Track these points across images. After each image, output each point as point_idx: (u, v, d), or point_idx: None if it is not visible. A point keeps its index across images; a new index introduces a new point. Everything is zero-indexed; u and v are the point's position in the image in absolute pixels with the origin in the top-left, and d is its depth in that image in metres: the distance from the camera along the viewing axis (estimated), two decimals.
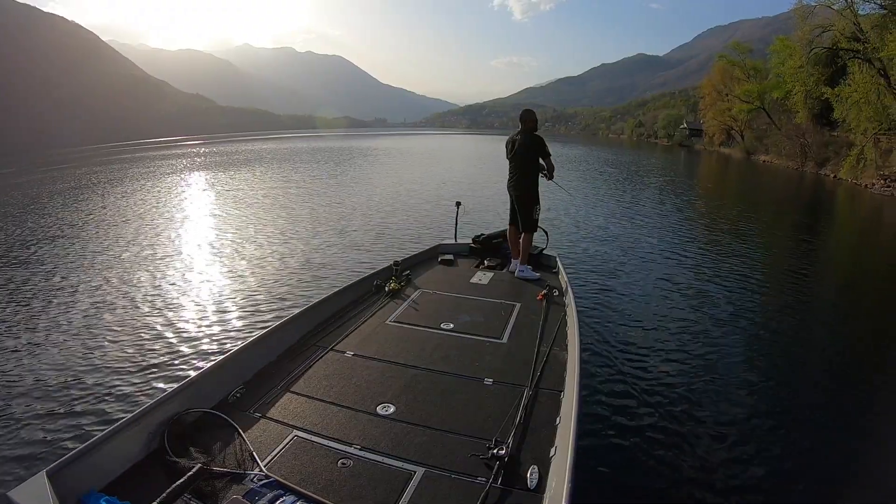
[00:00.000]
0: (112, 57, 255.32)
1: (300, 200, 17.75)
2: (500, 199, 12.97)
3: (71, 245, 11.53)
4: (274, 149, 56.08)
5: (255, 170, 30.64)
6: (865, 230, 15.94)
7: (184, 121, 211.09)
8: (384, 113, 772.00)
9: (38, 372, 5.41)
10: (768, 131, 44.37)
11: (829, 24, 26.41)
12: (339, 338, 4.22)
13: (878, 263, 11.38)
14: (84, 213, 16.26)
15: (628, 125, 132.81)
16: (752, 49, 53.17)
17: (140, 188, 22.83)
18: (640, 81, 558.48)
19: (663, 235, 12.24)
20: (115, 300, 7.70)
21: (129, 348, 5.94)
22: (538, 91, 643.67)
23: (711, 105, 57.14)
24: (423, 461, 2.68)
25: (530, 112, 6.26)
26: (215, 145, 71.67)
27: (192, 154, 50.17)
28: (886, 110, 22.94)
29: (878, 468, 4.02)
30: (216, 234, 12.32)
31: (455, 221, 7.60)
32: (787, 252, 11.59)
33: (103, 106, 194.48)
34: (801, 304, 7.89)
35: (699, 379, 5.17)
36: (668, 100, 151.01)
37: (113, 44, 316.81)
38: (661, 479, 3.70)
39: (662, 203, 18.54)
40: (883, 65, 22.57)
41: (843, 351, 6.34)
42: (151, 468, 2.63)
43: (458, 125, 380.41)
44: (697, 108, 76.57)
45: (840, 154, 29.13)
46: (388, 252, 9.91)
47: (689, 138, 78.81)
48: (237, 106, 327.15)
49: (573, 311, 4.43)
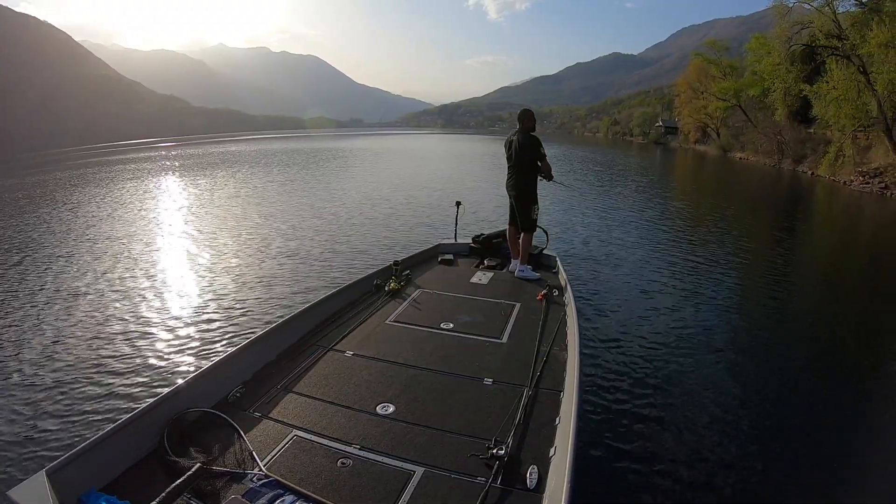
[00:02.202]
0: (85, 57, 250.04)
1: (299, 200, 17.83)
2: (500, 200, 13.02)
3: (70, 246, 11.62)
4: (258, 150, 55.59)
5: (245, 172, 30.28)
6: (853, 227, 16.05)
7: (158, 122, 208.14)
8: (360, 113, 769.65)
9: (37, 372, 5.46)
10: (744, 129, 44.63)
11: (807, 22, 26.55)
12: (339, 337, 4.21)
13: (873, 258, 11.44)
14: (83, 213, 16.42)
15: (604, 123, 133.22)
16: (729, 47, 53.55)
17: (140, 189, 23.07)
18: (616, 80, 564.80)
19: (662, 234, 12.34)
20: (116, 300, 7.77)
21: (129, 348, 5.99)
22: (513, 90, 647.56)
23: (687, 103, 57.18)
24: (422, 461, 2.68)
25: (528, 112, 6.21)
26: (192, 147, 71.16)
27: (172, 157, 49.38)
28: (865, 107, 23.09)
29: (863, 464, 4.04)
30: (216, 235, 12.39)
31: (455, 221, 7.55)
32: (786, 252, 11.64)
33: (75, 108, 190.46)
34: (802, 304, 7.98)
35: (699, 379, 5.19)
36: (644, 98, 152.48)
37: (86, 44, 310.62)
38: (661, 478, 3.70)
39: (655, 202, 18.64)
40: (862, 62, 22.71)
41: (845, 354, 6.22)
42: (151, 468, 2.62)
43: (433, 125, 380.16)
44: (672, 107, 77.02)
45: (817, 151, 29.37)
46: (388, 252, 9.97)
47: (665, 136, 79.18)
48: (212, 107, 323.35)
49: (573, 310, 4.43)
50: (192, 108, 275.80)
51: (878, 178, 22.26)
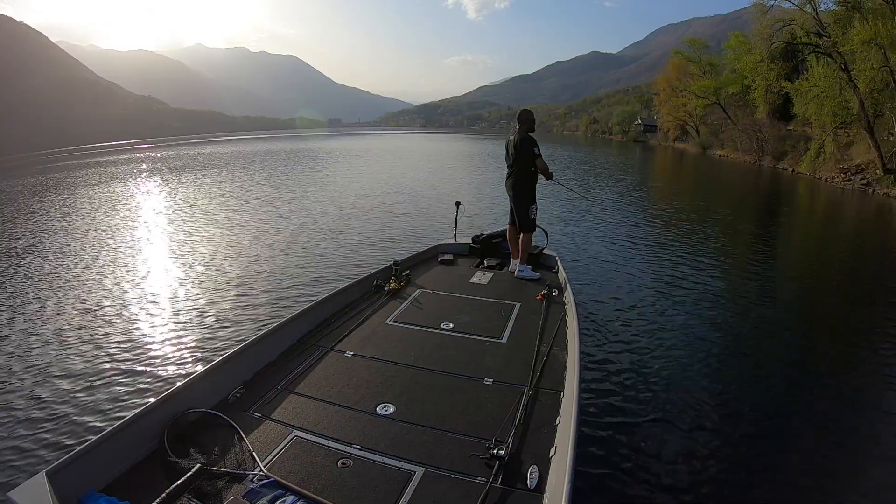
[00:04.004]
0: (61, 58, 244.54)
1: (297, 201, 17.73)
2: (500, 200, 13.33)
3: (69, 247, 11.58)
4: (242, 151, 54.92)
5: (238, 173, 29.81)
6: (845, 224, 16.01)
7: (136, 124, 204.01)
8: (338, 113, 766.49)
9: (37, 372, 5.44)
10: (723, 126, 44.91)
11: (789, 19, 26.54)
12: (339, 338, 4.20)
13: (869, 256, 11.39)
14: (81, 213, 16.50)
15: (583, 122, 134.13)
16: (709, 45, 53.87)
17: (140, 188, 23.31)
18: (595, 79, 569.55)
19: (662, 234, 12.28)
20: (116, 300, 7.74)
21: (129, 349, 5.96)
22: (493, 89, 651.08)
23: (666, 101, 57.48)
24: (422, 461, 2.66)
25: (527, 112, 6.20)
26: (173, 148, 70.43)
27: (157, 159, 48.07)
28: (846, 104, 23.12)
29: (862, 464, 4.00)
30: (215, 236, 12.29)
31: (455, 221, 7.59)
32: (785, 250, 11.85)
33: (52, 110, 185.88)
34: (803, 304, 8.05)
35: (699, 378, 5.17)
36: (623, 96, 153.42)
37: (62, 44, 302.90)
38: (662, 478, 3.65)
39: (648, 200, 18.82)
40: (844, 59, 22.71)
41: (844, 353, 6.15)
42: (151, 468, 2.60)
43: (412, 124, 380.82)
44: (651, 105, 77.61)
45: (797, 148, 29.53)
46: (387, 252, 9.95)
47: (644, 134, 79.94)
48: (190, 108, 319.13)
49: (573, 310, 4.43)
50: (170, 110, 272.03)
51: (860, 174, 22.37)
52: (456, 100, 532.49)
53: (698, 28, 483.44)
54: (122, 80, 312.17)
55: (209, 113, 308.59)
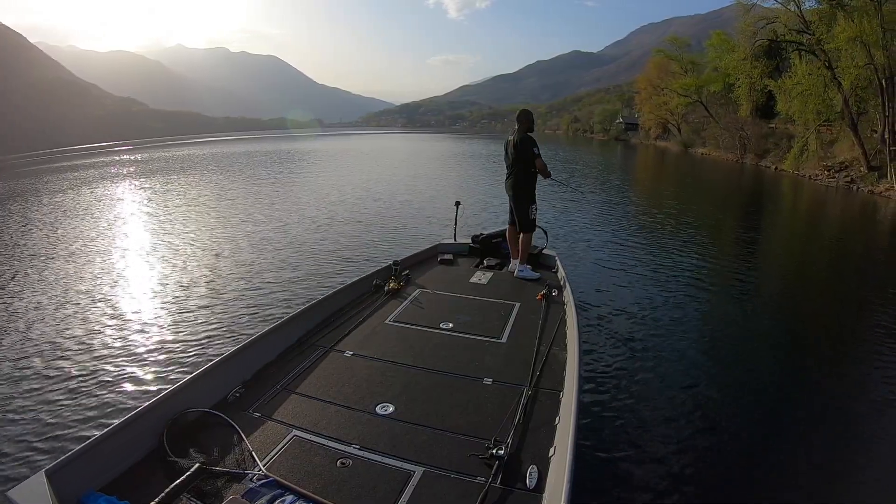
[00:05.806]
0: (39, 59, 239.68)
1: (296, 201, 17.83)
2: (499, 200, 13.48)
3: (68, 248, 11.61)
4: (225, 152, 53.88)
5: (230, 174, 29.42)
6: (827, 220, 16.24)
7: (115, 125, 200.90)
8: (320, 113, 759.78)
9: (37, 372, 5.47)
10: (705, 124, 45.13)
11: (773, 16, 26.60)
12: (339, 337, 4.21)
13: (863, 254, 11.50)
14: (79, 214, 16.61)
15: (564, 121, 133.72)
16: (690, 44, 54.10)
17: (139, 189, 23.34)
18: (576, 78, 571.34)
19: (660, 232, 12.40)
20: (115, 300, 7.79)
21: (128, 348, 6.00)
22: (474, 89, 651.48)
23: (648, 99, 57.37)
24: (422, 461, 2.66)
25: (525, 112, 6.24)
26: (159, 150, 68.58)
27: (144, 160, 46.90)
28: (831, 102, 23.21)
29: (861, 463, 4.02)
30: (214, 236, 12.32)
31: (454, 221, 7.59)
32: (784, 250, 11.99)
33: (29, 111, 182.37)
34: (805, 302, 8.16)
35: (699, 378, 5.20)
36: (604, 95, 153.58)
37: (41, 45, 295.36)
38: (661, 478, 3.67)
39: (641, 198, 19.27)
40: (828, 57, 22.77)
41: (844, 352, 6.24)
42: (151, 468, 2.61)
43: (394, 124, 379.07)
44: (633, 103, 77.78)
45: (780, 146, 29.70)
46: (387, 252, 9.97)
47: (626, 132, 79.95)
48: (170, 109, 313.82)
49: (573, 310, 4.45)
50: (150, 111, 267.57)
51: (844, 172, 22.53)
52: (437, 99, 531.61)
53: (678, 27, 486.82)
54: (101, 80, 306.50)
55: (190, 114, 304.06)
